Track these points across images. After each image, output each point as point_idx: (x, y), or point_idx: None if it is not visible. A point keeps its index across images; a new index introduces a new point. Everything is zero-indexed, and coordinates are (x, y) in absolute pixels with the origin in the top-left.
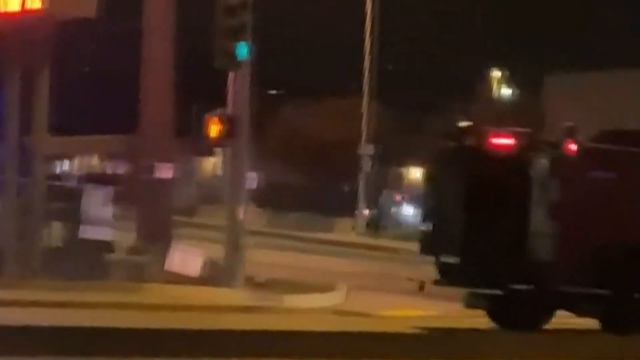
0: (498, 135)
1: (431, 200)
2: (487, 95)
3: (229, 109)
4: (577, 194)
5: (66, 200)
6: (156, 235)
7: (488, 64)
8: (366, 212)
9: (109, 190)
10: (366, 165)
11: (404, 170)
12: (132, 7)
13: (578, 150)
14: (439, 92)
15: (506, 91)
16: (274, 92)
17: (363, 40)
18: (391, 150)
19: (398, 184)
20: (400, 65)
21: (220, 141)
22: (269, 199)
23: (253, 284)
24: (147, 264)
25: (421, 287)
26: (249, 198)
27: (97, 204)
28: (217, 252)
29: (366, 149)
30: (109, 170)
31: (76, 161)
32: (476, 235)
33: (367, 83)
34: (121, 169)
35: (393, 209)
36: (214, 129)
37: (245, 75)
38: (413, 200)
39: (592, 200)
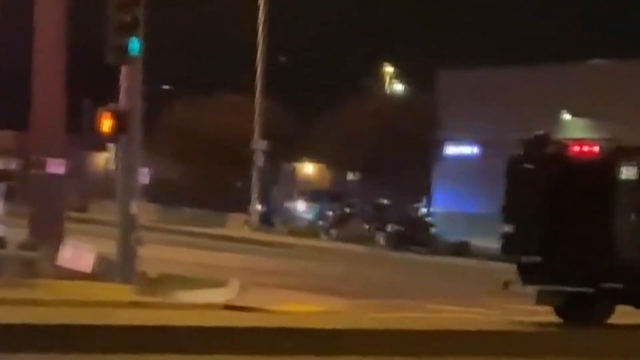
0: (579, 144)
1: (513, 204)
2: (379, 91)
3: (121, 104)
4: None
5: None
6: (48, 231)
7: (380, 59)
8: (259, 207)
9: (0, 185)
10: (259, 160)
11: (297, 165)
12: (24, 1)
13: None
14: (331, 88)
15: (398, 86)
16: (167, 87)
17: (255, 36)
18: (284, 146)
19: (291, 179)
20: (293, 61)
21: (112, 136)
22: (162, 194)
23: (145, 279)
24: (38, 259)
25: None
26: (141, 193)
27: None
28: (110, 247)
29: (259, 144)
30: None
31: None
32: (561, 236)
33: (259, 78)
34: (12, 164)
35: (286, 205)
36: (106, 124)
37: (137, 70)
38: (306, 195)
39: None
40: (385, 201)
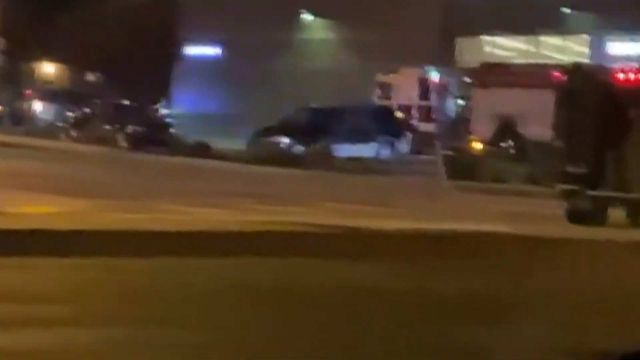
0: (623, 71)
1: (564, 125)
2: None
3: None
4: None
5: None
6: None
7: None
8: None
9: None
10: None
11: (36, 65)
12: None
13: None
14: None
15: None
16: None
17: None
18: (23, 44)
19: (30, 79)
20: None
21: None
22: None
23: None
24: None
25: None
26: None
27: None
28: None
29: None
30: None
31: None
32: (602, 153)
33: None
34: None
35: (24, 105)
36: None
37: None
38: (44, 95)
39: None
40: (126, 102)
